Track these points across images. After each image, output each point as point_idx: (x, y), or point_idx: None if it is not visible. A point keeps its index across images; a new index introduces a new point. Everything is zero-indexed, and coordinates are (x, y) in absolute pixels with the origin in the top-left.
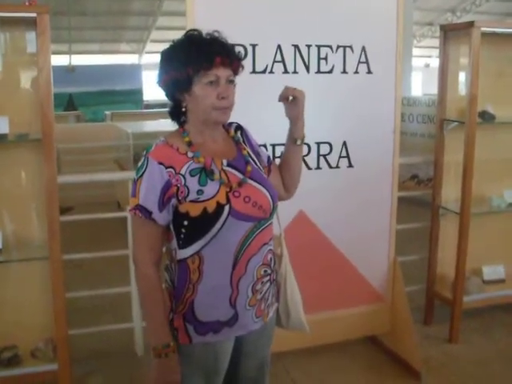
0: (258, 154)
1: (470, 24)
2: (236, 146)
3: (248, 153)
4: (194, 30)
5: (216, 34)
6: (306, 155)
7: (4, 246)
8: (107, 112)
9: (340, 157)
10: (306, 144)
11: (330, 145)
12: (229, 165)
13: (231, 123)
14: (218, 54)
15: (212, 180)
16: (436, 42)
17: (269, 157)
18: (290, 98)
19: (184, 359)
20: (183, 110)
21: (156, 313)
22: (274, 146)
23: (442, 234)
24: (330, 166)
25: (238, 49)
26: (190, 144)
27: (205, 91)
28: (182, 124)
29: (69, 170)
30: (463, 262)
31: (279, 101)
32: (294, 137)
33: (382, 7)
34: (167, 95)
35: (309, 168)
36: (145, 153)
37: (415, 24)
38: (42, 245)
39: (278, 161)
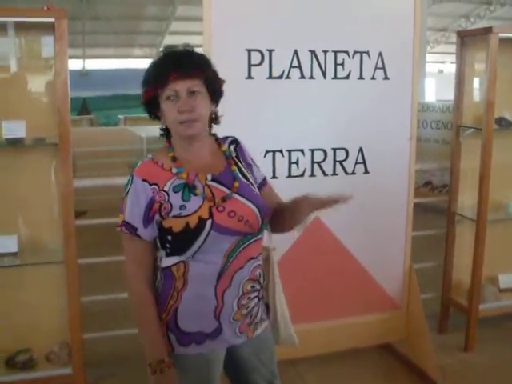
0: (251, 171)
1: (488, 30)
2: (226, 160)
3: (239, 169)
4: (169, 46)
5: (171, 49)
6: (322, 161)
7: (20, 250)
8: (120, 116)
9: (356, 163)
10: (322, 150)
11: (347, 151)
12: (214, 179)
13: (227, 137)
14: (170, 69)
15: (195, 195)
16: (449, 48)
17: (264, 178)
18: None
19: (177, 369)
20: (164, 126)
21: (149, 328)
22: (290, 151)
23: (457, 241)
24: (346, 172)
25: (208, 57)
26: (174, 159)
27: (167, 107)
28: (169, 140)
29: (82, 174)
30: (479, 270)
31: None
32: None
33: (399, 13)
34: (148, 114)
35: (325, 174)
36: (131, 170)
37: (429, 30)
38: (57, 249)
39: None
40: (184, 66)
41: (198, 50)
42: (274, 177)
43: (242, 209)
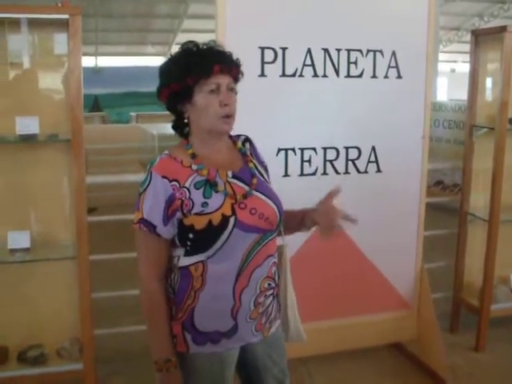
0: (265, 169)
1: (503, 28)
2: (242, 157)
3: (254, 165)
4: (191, 41)
5: (212, 44)
6: (335, 159)
7: (32, 246)
8: (132, 113)
9: (369, 162)
10: (334, 148)
11: (359, 149)
12: (234, 176)
13: (239, 135)
14: (216, 61)
15: (216, 192)
16: (462, 47)
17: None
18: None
19: (191, 368)
20: (186, 121)
21: (159, 327)
22: (302, 149)
23: (469, 240)
24: (359, 171)
25: (237, 56)
26: (193, 156)
27: (206, 100)
28: (185, 136)
29: (94, 170)
30: (491, 270)
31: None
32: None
33: (412, 12)
34: (168, 108)
35: (337, 172)
36: (149, 167)
37: (441, 29)
38: (69, 244)
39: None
40: (228, 60)
41: None
42: (286, 175)
43: (263, 206)
